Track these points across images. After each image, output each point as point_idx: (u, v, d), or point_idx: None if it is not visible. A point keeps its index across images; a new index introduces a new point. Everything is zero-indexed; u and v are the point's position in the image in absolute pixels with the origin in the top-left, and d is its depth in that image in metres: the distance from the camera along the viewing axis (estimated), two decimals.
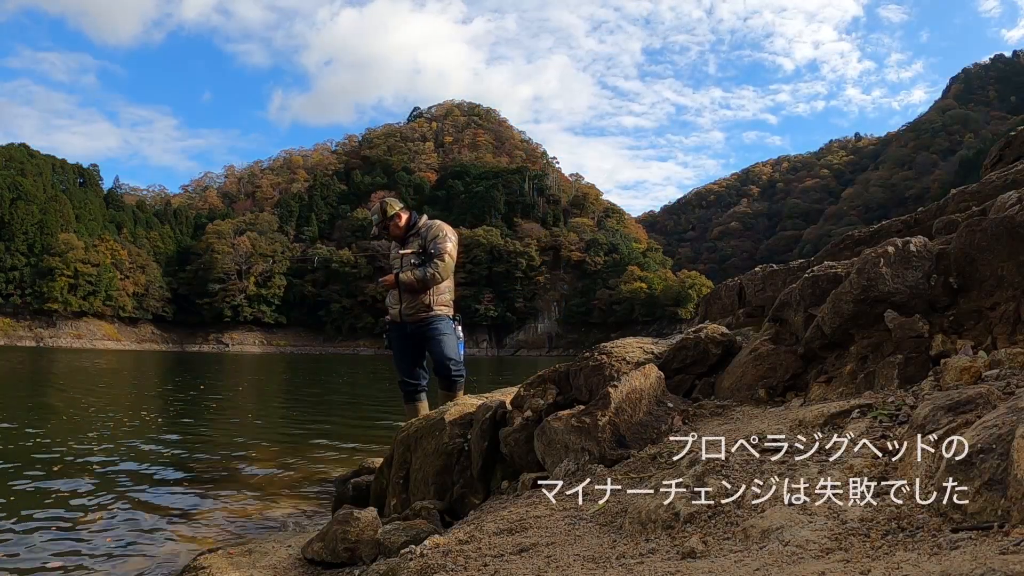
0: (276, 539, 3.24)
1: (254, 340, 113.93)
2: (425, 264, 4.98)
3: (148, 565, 3.63)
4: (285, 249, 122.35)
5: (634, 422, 2.61)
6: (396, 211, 5.15)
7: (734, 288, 4.65)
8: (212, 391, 17.36)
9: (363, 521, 2.71)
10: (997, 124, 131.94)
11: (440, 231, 5.10)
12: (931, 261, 2.53)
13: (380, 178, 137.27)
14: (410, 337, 5.10)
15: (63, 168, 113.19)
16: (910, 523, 1.43)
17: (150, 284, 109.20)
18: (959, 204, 3.50)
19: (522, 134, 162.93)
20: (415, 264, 4.99)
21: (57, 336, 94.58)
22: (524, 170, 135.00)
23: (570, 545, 1.76)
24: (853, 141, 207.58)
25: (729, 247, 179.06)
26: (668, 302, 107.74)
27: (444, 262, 5.00)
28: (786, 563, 1.36)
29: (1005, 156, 4.28)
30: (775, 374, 2.83)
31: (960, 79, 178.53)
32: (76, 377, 21.84)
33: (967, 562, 1.15)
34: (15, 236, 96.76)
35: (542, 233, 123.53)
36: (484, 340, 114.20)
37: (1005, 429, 1.39)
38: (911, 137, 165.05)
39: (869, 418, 2.05)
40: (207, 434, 8.85)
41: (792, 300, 3.01)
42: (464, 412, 3.72)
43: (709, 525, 1.69)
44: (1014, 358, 2.04)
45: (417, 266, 4.98)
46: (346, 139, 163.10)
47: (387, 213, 5.12)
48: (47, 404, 12.37)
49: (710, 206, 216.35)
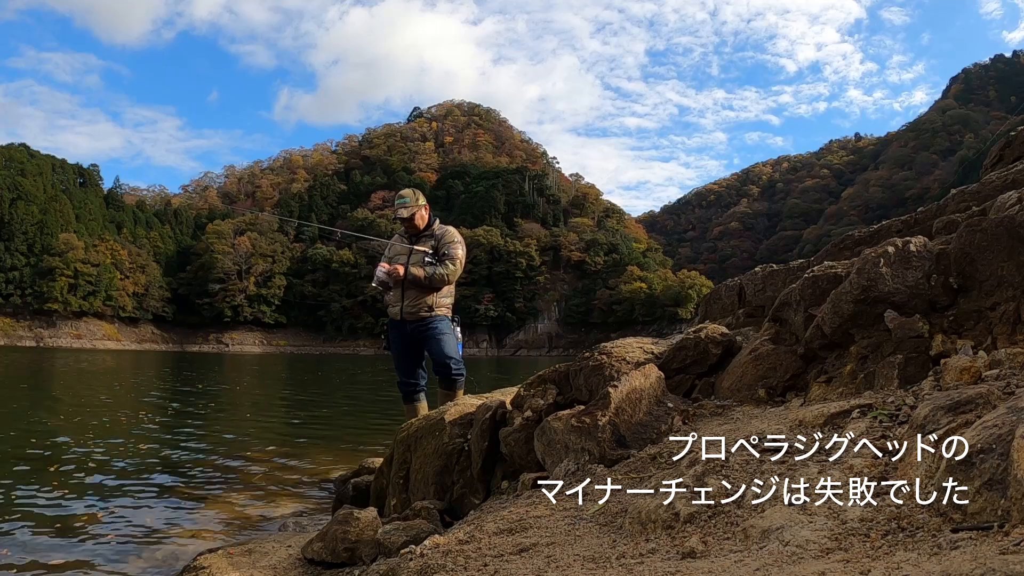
0: (276, 539, 3.24)
1: (254, 340, 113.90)
2: (436, 263, 4.99)
3: (148, 565, 3.63)
4: (285, 249, 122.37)
5: (634, 422, 2.61)
6: (424, 203, 5.17)
7: (734, 288, 4.65)
8: (212, 391, 17.37)
9: (363, 521, 2.71)
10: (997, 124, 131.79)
11: (454, 237, 5.15)
12: (931, 261, 2.52)
13: (380, 178, 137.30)
14: (409, 336, 5.09)
15: (63, 168, 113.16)
16: (910, 523, 1.42)
17: (150, 284, 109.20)
18: (959, 204, 3.50)
19: (522, 134, 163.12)
20: (427, 263, 4.99)
21: (57, 336, 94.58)
22: (524, 170, 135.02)
23: (570, 545, 1.76)
24: (853, 141, 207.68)
25: (729, 247, 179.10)
26: (668, 302, 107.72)
27: (455, 266, 5.03)
28: (786, 563, 1.36)
29: (1005, 156, 4.28)
30: (775, 374, 2.83)
31: (960, 79, 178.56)
32: (76, 377, 21.84)
33: (967, 562, 1.15)
34: (15, 236, 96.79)
35: (542, 233, 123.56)
36: (484, 340, 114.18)
37: (1005, 429, 1.39)
38: (911, 137, 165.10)
39: (869, 418, 2.05)
40: (207, 434, 8.85)
41: (792, 300, 3.01)
42: (464, 412, 3.72)
43: (709, 525, 1.69)
44: (1014, 358, 2.04)
45: (429, 264, 4.98)
46: (346, 139, 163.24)
47: (420, 202, 5.13)
48: (47, 404, 12.36)
49: (710, 206, 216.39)
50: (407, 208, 5.08)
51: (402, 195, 5.17)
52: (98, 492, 5.24)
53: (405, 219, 5.09)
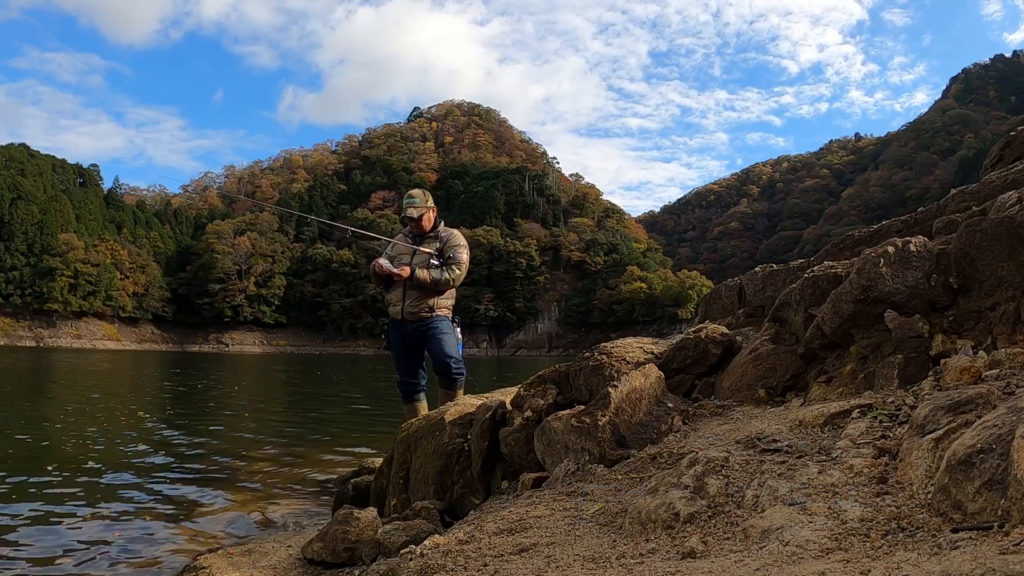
0: (276, 539, 3.23)
1: (254, 340, 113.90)
2: (442, 267, 4.98)
3: (148, 565, 3.63)
4: (285, 249, 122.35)
5: (634, 422, 2.61)
6: (433, 206, 5.18)
7: (734, 288, 4.64)
8: (211, 391, 17.37)
9: (363, 521, 2.71)
10: (997, 124, 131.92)
11: (460, 241, 5.15)
12: (931, 261, 2.52)
13: (380, 178, 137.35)
14: (410, 336, 5.09)
15: (63, 168, 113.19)
16: (910, 523, 1.42)
17: (150, 284, 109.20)
18: (959, 204, 3.50)
19: (522, 134, 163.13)
20: (432, 265, 4.99)
21: (57, 336, 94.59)
22: (524, 170, 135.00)
23: (570, 545, 1.76)
24: (853, 141, 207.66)
25: (729, 247, 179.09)
26: (668, 302, 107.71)
27: (460, 271, 5.04)
28: (786, 563, 1.36)
29: (1005, 156, 4.28)
30: (775, 374, 2.83)
31: (960, 79, 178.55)
32: (75, 377, 21.84)
33: (967, 562, 1.15)
34: (15, 236, 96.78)
35: (542, 233, 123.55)
36: (484, 340, 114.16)
37: (1005, 429, 1.39)
38: (911, 137, 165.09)
39: (869, 418, 2.05)
40: (206, 434, 8.85)
41: (792, 300, 3.01)
42: (464, 412, 3.71)
43: (709, 525, 1.69)
44: (1014, 358, 2.04)
45: (434, 267, 4.98)
46: (346, 139, 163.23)
47: (429, 203, 5.13)
48: (46, 404, 12.36)
49: (710, 206, 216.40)
50: (416, 208, 5.07)
51: (412, 195, 5.16)
52: (97, 492, 5.24)
53: (413, 219, 5.08)
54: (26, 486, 5.32)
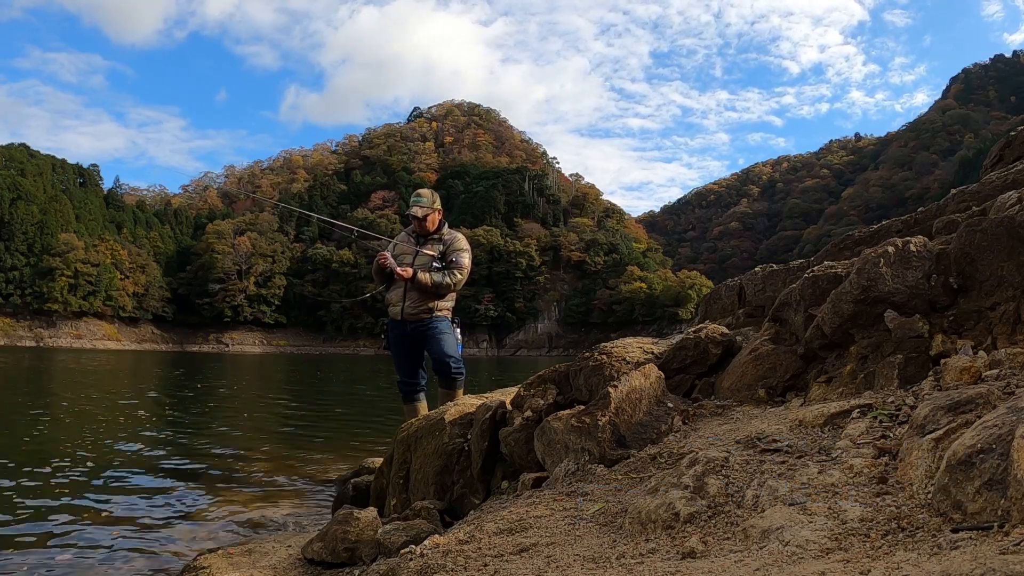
0: (276, 539, 3.23)
1: (254, 340, 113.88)
2: (444, 270, 4.97)
3: (148, 565, 3.63)
4: (285, 249, 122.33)
5: (634, 422, 2.61)
6: (439, 208, 5.15)
7: (734, 288, 4.64)
8: (211, 391, 17.36)
9: (363, 521, 2.71)
10: (997, 124, 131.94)
11: (463, 244, 5.13)
12: (931, 261, 2.52)
13: (380, 178, 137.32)
14: (410, 337, 5.09)
15: (63, 168, 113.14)
16: (910, 523, 1.42)
17: (150, 284, 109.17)
18: (959, 204, 3.50)
19: (522, 134, 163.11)
20: (435, 268, 4.97)
21: (57, 336, 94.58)
22: (524, 170, 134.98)
23: (570, 545, 1.76)
24: (853, 141, 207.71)
25: (729, 247, 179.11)
26: (668, 302, 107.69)
27: (462, 275, 5.03)
28: (786, 563, 1.36)
29: (1005, 156, 4.28)
30: (775, 374, 2.83)
31: (960, 79, 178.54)
32: (75, 377, 21.84)
33: (967, 562, 1.15)
34: (15, 236, 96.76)
35: (542, 233, 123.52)
36: (484, 340, 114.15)
37: (1005, 429, 1.39)
38: (911, 137, 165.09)
39: (869, 418, 2.05)
40: (206, 434, 8.85)
41: (792, 300, 3.01)
42: (464, 412, 3.71)
43: (709, 525, 1.69)
44: (1014, 358, 2.04)
45: (436, 270, 4.97)
46: (346, 139, 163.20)
47: (436, 205, 5.10)
48: (46, 403, 12.36)
49: (710, 206, 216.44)
50: (422, 208, 5.03)
51: (420, 194, 5.12)
52: (97, 492, 5.24)
53: (418, 218, 5.05)
54: (26, 486, 5.32)
